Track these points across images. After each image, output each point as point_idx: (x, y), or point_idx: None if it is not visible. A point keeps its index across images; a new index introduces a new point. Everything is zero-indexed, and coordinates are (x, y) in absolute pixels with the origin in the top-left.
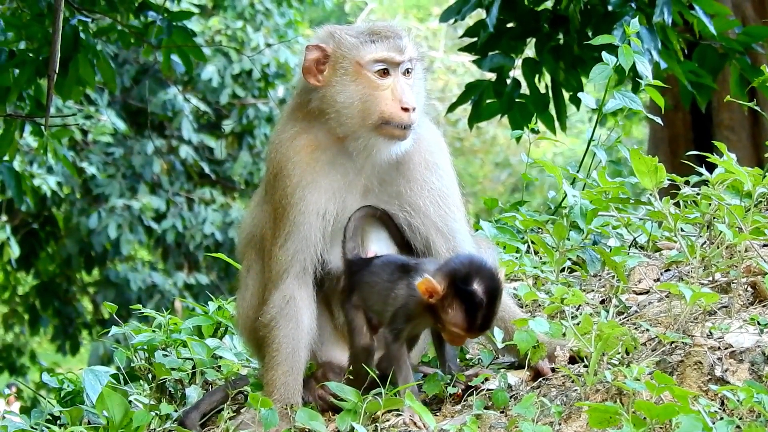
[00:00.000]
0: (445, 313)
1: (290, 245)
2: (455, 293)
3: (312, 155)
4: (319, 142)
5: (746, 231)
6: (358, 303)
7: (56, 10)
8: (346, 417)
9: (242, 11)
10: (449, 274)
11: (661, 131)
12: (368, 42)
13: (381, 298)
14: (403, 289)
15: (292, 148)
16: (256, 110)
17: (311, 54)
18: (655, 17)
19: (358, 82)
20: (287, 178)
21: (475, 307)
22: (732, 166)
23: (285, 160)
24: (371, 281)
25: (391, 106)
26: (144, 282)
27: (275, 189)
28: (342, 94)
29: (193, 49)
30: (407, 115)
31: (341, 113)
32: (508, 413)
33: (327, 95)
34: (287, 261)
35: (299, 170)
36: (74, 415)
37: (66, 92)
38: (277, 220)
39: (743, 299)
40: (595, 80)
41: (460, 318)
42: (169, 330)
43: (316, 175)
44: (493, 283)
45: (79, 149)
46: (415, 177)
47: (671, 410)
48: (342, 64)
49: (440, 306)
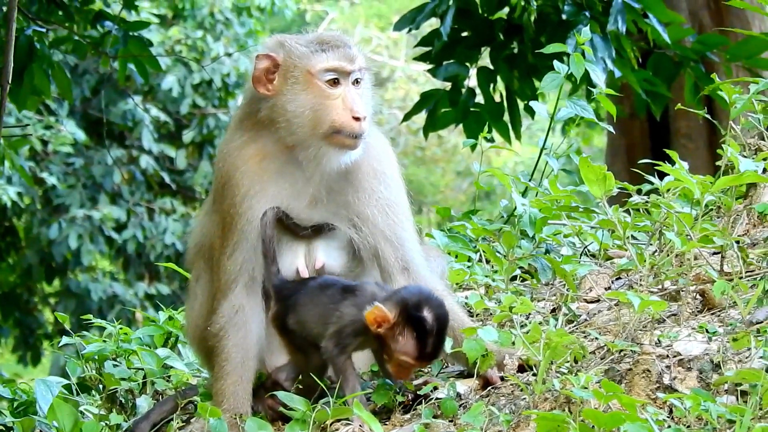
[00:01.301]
0: (395, 342)
1: (238, 255)
2: (406, 321)
3: (260, 164)
4: (267, 151)
5: (695, 239)
6: (294, 327)
7: (9, 20)
8: (296, 426)
9: (202, 21)
10: (400, 302)
11: (619, 140)
12: (319, 51)
13: (321, 319)
14: (350, 308)
15: (240, 158)
16: (217, 120)
17: (261, 63)
18: (609, 26)
19: (309, 91)
20: (235, 187)
21: (426, 335)
22: (680, 174)
23: (233, 169)
24: (309, 303)
25: (342, 115)
26: (105, 292)
27: (223, 198)
28: (293, 103)
29: (149, 59)
30: (358, 125)
31: (292, 122)
32: (457, 422)
33: (277, 104)
34: (235, 270)
35: (247, 179)
36: (26, 425)
37: (21, 102)
38: (225, 230)
39: (692, 307)
40: (546, 88)
41: (411, 346)
42: (119, 340)
43: (264, 184)
44: (442, 311)
45: (39, 159)
46: (363, 186)
47: (618, 418)
48: (293, 74)
49: (389, 335)
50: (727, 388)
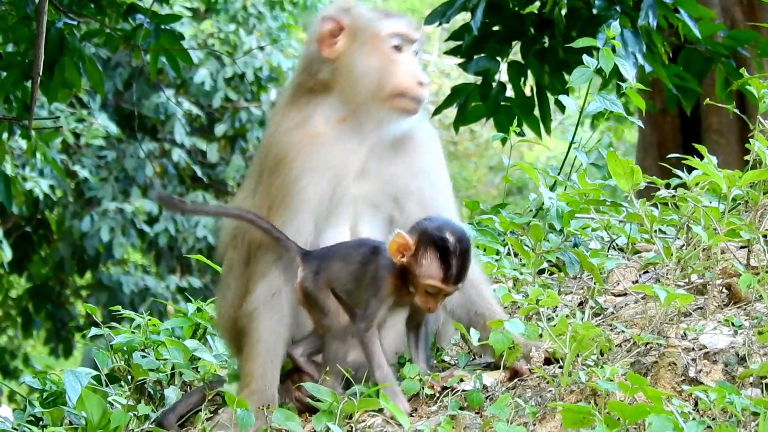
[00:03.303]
0: (419, 267)
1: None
2: (428, 242)
3: (314, 142)
4: (320, 127)
5: (722, 233)
6: (325, 285)
7: (40, 13)
8: (322, 417)
9: (235, 14)
10: (420, 228)
11: (651, 135)
12: (385, 17)
13: (354, 278)
14: (374, 266)
15: (294, 137)
16: (249, 113)
17: (326, 25)
18: (640, 20)
19: (375, 55)
20: (288, 165)
21: (449, 255)
22: (708, 168)
23: (287, 148)
24: (341, 261)
25: (407, 79)
26: (137, 285)
27: (274, 177)
28: (358, 65)
29: (181, 53)
30: (421, 90)
31: (356, 84)
32: (483, 414)
33: (341, 67)
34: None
35: (301, 158)
36: (55, 415)
37: (52, 95)
38: (273, 209)
39: (718, 300)
40: (575, 83)
41: (435, 267)
42: (148, 332)
43: (317, 162)
44: (463, 235)
45: (72, 152)
46: (410, 159)
47: (642, 411)
48: (359, 37)
49: (413, 263)
50: (753, 381)
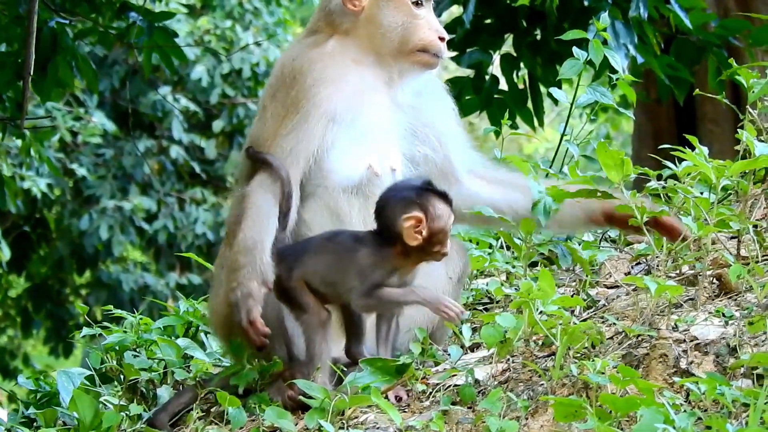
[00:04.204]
0: (433, 222)
1: (293, 136)
2: (428, 200)
3: (333, 58)
4: (338, 53)
5: (712, 223)
6: (300, 281)
7: (30, 12)
8: (314, 415)
9: (231, 10)
10: (408, 200)
11: (646, 125)
12: None
13: (338, 269)
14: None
15: (313, 54)
16: (246, 109)
17: None
18: (631, 12)
19: (399, 10)
20: (306, 74)
21: (441, 194)
22: (697, 159)
23: (304, 62)
24: (317, 256)
25: (429, 34)
26: (136, 283)
27: (290, 88)
28: (384, 20)
29: (175, 50)
30: (442, 44)
31: (382, 37)
32: (476, 409)
33: (365, 20)
34: (286, 152)
35: (318, 69)
36: (48, 416)
37: (45, 94)
38: (288, 116)
39: (709, 291)
40: (565, 75)
41: (443, 209)
42: (140, 330)
43: (335, 75)
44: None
45: (69, 151)
46: (428, 103)
47: (634, 403)
48: None
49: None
50: (744, 372)
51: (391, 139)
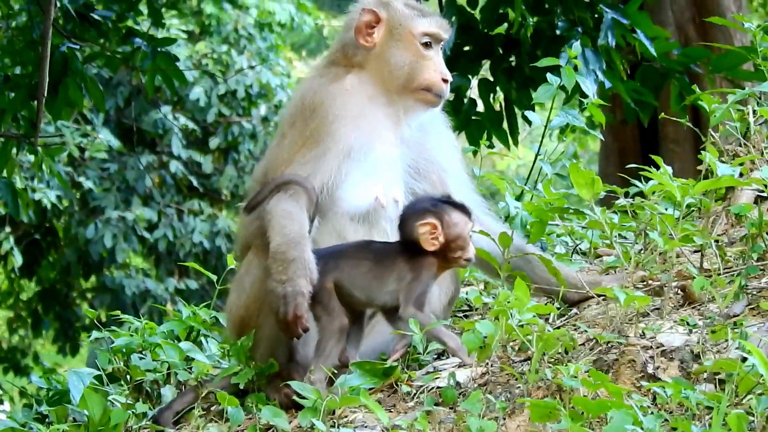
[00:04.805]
0: (448, 228)
1: (311, 165)
2: (442, 208)
3: (352, 94)
4: (357, 85)
5: (677, 238)
6: (330, 284)
7: (44, 38)
8: (307, 414)
9: (227, 36)
10: (424, 209)
11: (612, 144)
12: (420, 16)
13: (377, 273)
14: (405, 258)
15: (334, 87)
16: (241, 127)
17: (365, 16)
18: (600, 40)
19: (408, 50)
20: (327, 110)
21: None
22: (662, 178)
23: (326, 96)
24: (353, 262)
25: (434, 75)
26: (138, 287)
27: (310, 120)
28: (393, 57)
29: (176, 73)
30: (445, 86)
31: (389, 74)
32: (457, 409)
33: (376, 56)
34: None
35: (339, 103)
36: (60, 413)
37: (56, 113)
38: (306, 146)
39: (674, 302)
40: (540, 99)
41: (460, 217)
42: (145, 334)
43: (353, 112)
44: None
45: (77, 165)
46: (432, 140)
47: (605, 405)
48: (396, 31)
49: (445, 234)
50: (706, 377)
51: (396, 174)
